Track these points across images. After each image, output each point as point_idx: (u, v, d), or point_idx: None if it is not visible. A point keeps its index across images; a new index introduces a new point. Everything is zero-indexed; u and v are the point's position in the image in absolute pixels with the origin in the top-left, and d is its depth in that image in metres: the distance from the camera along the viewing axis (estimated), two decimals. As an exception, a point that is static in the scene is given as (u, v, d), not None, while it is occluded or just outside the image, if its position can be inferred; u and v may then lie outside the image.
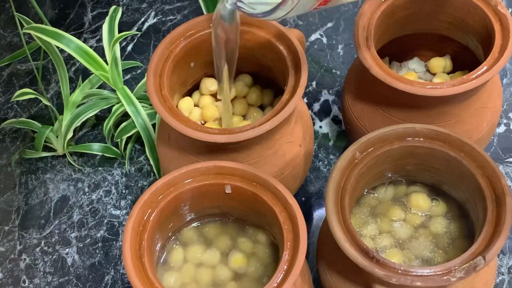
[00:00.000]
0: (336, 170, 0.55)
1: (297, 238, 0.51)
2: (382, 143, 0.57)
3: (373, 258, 0.50)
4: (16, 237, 0.75)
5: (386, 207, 0.60)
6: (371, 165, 0.57)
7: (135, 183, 0.78)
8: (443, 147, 0.56)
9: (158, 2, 0.94)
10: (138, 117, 0.74)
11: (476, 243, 0.51)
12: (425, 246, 0.58)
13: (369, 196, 0.61)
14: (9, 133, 0.84)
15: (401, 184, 0.62)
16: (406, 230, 0.59)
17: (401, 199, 0.61)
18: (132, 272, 0.50)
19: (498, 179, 0.53)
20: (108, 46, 0.76)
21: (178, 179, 0.56)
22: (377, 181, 0.61)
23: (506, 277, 0.68)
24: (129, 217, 0.53)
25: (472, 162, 0.55)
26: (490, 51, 0.60)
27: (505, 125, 0.79)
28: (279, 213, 0.53)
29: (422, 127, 0.56)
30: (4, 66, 0.89)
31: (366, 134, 0.57)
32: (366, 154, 0.57)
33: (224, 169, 0.56)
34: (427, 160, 0.58)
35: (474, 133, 0.64)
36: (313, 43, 0.88)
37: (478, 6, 0.63)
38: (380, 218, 0.60)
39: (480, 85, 0.58)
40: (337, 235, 0.51)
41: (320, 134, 0.80)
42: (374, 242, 0.58)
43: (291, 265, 0.50)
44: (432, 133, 0.56)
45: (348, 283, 0.56)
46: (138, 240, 0.53)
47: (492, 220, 0.52)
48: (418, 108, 0.62)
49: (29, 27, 0.74)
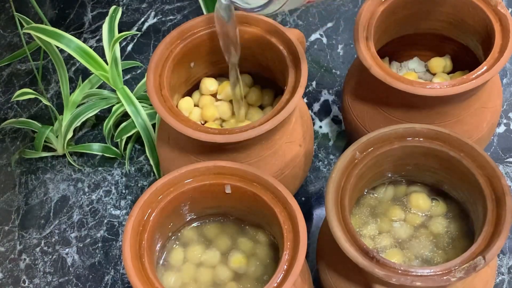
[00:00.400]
0: (336, 170, 0.55)
1: (297, 238, 0.51)
2: (382, 143, 0.57)
3: (373, 258, 0.50)
4: (16, 237, 0.75)
5: (386, 207, 0.60)
6: (371, 165, 0.57)
7: (135, 183, 0.78)
8: (443, 147, 0.56)
9: (158, 2, 0.94)
10: (138, 117, 0.74)
11: (476, 243, 0.51)
12: (425, 246, 0.58)
13: (369, 196, 0.61)
14: (9, 133, 0.84)
15: (401, 184, 0.62)
16: (406, 230, 0.59)
17: (401, 199, 0.61)
18: (132, 272, 0.50)
19: (498, 179, 0.53)
20: (108, 46, 0.76)
21: (178, 179, 0.56)
22: (377, 181, 0.61)
23: (506, 277, 0.68)
24: (129, 217, 0.53)
25: (472, 162, 0.55)
26: (490, 51, 0.60)
27: (505, 125, 0.79)
28: (279, 213, 0.53)
29: (422, 127, 0.56)
30: (4, 66, 0.89)
31: (366, 134, 0.57)
32: (366, 154, 0.57)
33: (224, 169, 0.56)
34: (427, 160, 0.58)
35: (474, 133, 0.64)
36: (313, 43, 0.88)
37: (478, 6, 0.63)
38: (380, 218, 0.60)
39: (480, 85, 0.58)
40: (337, 235, 0.51)
41: (320, 134, 0.80)
42: (374, 242, 0.58)
43: (291, 265, 0.50)
44: (432, 133, 0.56)
45: (348, 283, 0.56)
46: (138, 240, 0.53)
47: (492, 220, 0.52)
48: (418, 108, 0.62)
49: (29, 27, 0.74)
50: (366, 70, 0.61)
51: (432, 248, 0.57)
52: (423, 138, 0.57)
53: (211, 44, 0.64)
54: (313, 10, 0.90)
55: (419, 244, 0.58)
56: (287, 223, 0.53)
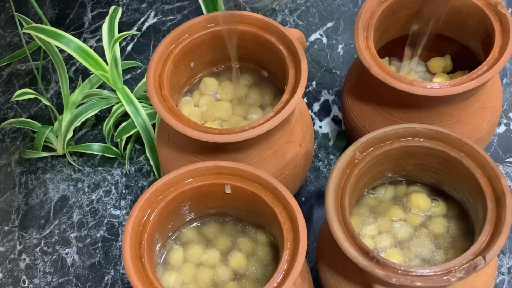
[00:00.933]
0: (336, 170, 0.55)
1: (297, 238, 0.51)
2: (382, 143, 0.57)
3: (373, 258, 0.50)
4: (16, 237, 0.75)
5: (386, 207, 0.60)
6: (371, 165, 0.57)
7: (135, 183, 0.78)
8: (443, 147, 0.56)
9: (158, 2, 0.94)
10: (138, 117, 0.74)
11: (476, 243, 0.51)
12: (425, 246, 0.58)
13: (369, 196, 0.61)
14: (9, 133, 0.84)
15: (401, 184, 0.62)
16: (406, 230, 0.58)
17: (401, 199, 0.61)
18: (132, 272, 0.50)
19: (498, 179, 0.53)
20: (108, 46, 0.76)
21: (178, 179, 0.56)
22: (377, 181, 0.61)
23: (506, 277, 0.68)
24: (129, 217, 0.53)
25: (472, 162, 0.55)
26: (490, 51, 0.60)
27: (505, 125, 0.79)
28: (279, 213, 0.53)
29: (422, 127, 0.56)
30: (4, 66, 0.89)
31: (366, 134, 0.57)
32: (366, 154, 0.57)
33: (224, 169, 0.56)
34: (427, 160, 0.58)
35: (474, 133, 0.64)
36: (313, 43, 0.88)
37: (478, 6, 0.63)
38: (380, 218, 0.60)
39: (480, 85, 0.58)
40: (337, 235, 0.51)
41: (320, 134, 0.80)
42: (374, 242, 0.58)
43: (291, 265, 0.50)
44: (432, 133, 0.56)
45: (348, 283, 0.56)
46: (138, 240, 0.53)
47: (492, 220, 0.52)
48: (418, 108, 0.62)
49: (29, 27, 0.74)
50: (366, 70, 0.60)
51: (432, 248, 0.57)
52: (423, 138, 0.57)
53: (211, 44, 0.64)
54: (313, 10, 0.90)
55: (419, 244, 0.58)
56: (287, 223, 0.53)
